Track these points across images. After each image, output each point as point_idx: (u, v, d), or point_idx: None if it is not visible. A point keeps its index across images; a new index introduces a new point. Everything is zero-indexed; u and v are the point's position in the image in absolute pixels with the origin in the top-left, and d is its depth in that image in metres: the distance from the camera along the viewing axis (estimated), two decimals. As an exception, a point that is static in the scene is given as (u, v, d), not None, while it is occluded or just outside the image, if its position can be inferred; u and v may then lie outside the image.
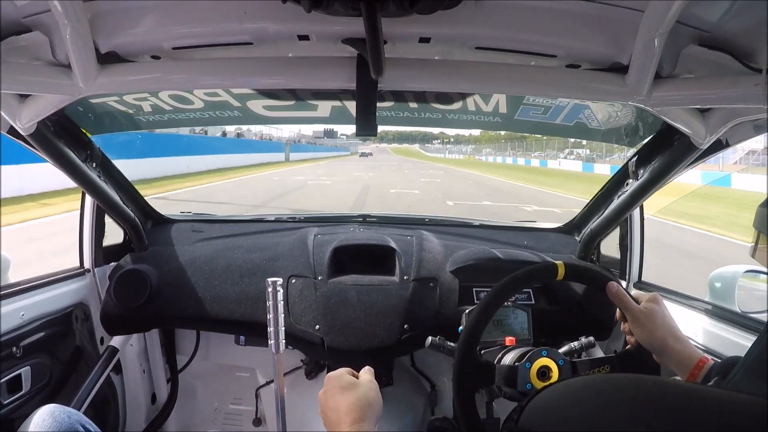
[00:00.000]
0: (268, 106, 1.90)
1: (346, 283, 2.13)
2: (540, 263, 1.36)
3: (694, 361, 1.21)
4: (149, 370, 2.58)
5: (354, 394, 1.11)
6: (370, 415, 1.09)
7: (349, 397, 1.10)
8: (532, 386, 1.30)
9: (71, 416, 1.44)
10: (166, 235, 2.47)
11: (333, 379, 1.16)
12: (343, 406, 1.08)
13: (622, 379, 0.76)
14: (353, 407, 1.08)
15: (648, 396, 0.67)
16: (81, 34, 1.17)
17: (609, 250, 2.42)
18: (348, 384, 1.13)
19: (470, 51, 1.32)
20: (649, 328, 1.25)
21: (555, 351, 1.35)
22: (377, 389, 1.17)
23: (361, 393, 1.12)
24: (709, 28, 1.18)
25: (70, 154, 1.80)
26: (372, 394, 1.14)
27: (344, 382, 1.14)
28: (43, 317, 1.97)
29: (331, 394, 1.13)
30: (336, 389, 1.12)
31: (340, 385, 1.13)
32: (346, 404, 1.08)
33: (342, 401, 1.09)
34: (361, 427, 1.04)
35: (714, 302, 1.93)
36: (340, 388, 1.12)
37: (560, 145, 71.50)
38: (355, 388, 1.12)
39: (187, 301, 2.15)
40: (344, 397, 1.10)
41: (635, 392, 0.69)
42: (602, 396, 0.71)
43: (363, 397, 1.11)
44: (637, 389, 0.70)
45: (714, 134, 1.48)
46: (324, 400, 1.14)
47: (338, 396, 1.11)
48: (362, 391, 1.13)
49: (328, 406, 1.12)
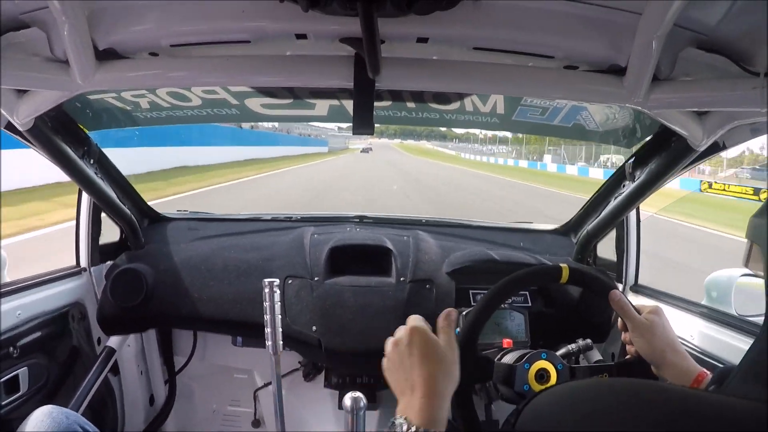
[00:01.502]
0: (266, 104, 1.90)
1: (342, 284, 2.13)
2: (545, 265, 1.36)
3: (693, 375, 1.21)
4: (147, 371, 2.57)
5: (439, 362, 1.01)
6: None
7: (432, 365, 1.00)
8: (530, 387, 1.30)
9: (69, 417, 1.43)
10: (163, 234, 2.47)
11: (422, 333, 1.06)
12: (421, 374, 0.98)
13: (620, 384, 0.76)
14: (432, 379, 0.97)
15: (646, 401, 0.67)
16: (79, 30, 1.17)
17: (605, 253, 2.43)
18: (434, 347, 1.03)
19: (468, 51, 1.32)
20: (648, 340, 1.24)
21: (554, 354, 1.34)
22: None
23: (450, 363, 1.02)
24: (707, 31, 1.18)
25: (67, 150, 1.79)
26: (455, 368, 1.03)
27: (431, 343, 1.04)
28: (40, 316, 1.96)
29: (412, 353, 1.04)
30: (420, 346, 1.03)
31: (425, 346, 1.03)
32: (426, 372, 0.98)
33: (423, 368, 1.00)
34: (433, 401, 0.94)
35: (710, 306, 1.94)
36: (424, 348, 1.03)
37: (593, 150, 55.75)
38: (443, 359, 1.02)
39: (184, 301, 2.15)
40: (425, 360, 1.01)
41: (633, 397, 0.69)
42: (600, 400, 0.71)
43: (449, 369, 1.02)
44: (635, 394, 0.70)
45: (711, 137, 1.48)
46: (400, 355, 1.06)
47: (420, 360, 1.01)
48: (450, 360, 1.03)
49: (403, 363, 1.04)
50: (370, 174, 32.04)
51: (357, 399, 1.56)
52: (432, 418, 0.90)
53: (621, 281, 2.28)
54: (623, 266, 2.29)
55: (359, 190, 20.94)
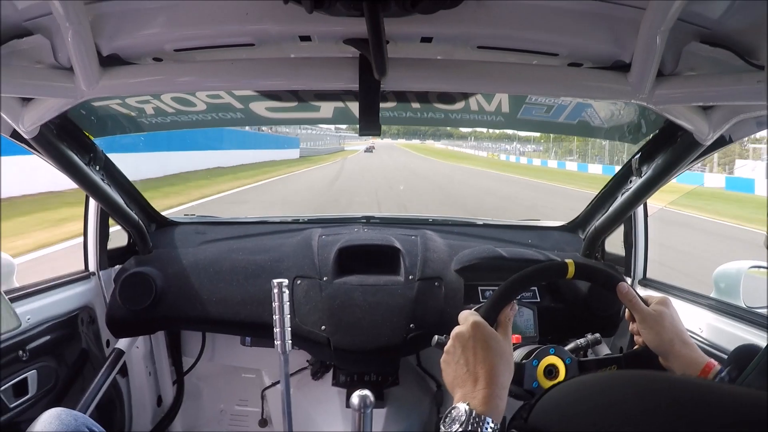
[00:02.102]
0: (271, 108, 1.90)
1: (351, 284, 2.14)
2: (550, 262, 1.35)
3: (701, 366, 1.20)
4: (155, 373, 2.58)
5: (501, 356, 1.02)
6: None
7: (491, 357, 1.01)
8: (539, 384, 1.29)
9: (78, 419, 1.44)
10: (170, 238, 2.48)
11: (483, 328, 1.06)
12: (485, 366, 0.99)
13: (630, 376, 0.76)
14: (495, 371, 0.99)
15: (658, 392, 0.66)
16: (83, 36, 1.17)
17: (613, 248, 2.42)
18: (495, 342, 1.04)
19: (472, 50, 1.32)
20: (657, 331, 1.24)
21: (562, 349, 1.34)
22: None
23: (509, 355, 1.04)
24: (711, 25, 1.17)
25: (73, 158, 1.80)
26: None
27: (491, 337, 1.05)
28: (49, 321, 1.97)
29: (476, 346, 1.03)
30: (483, 341, 1.03)
31: (487, 340, 1.04)
32: (488, 364, 1.00)
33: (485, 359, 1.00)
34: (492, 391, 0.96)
35: (719, 298, 1.93)
36: (487, 342, 1.03)
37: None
38: (504, 353, 1.04)
39: (193, 303, 2.16)
40: (488, 354, 1.01)
41: (644, 388, 0.69)
42: (612, 393, 0.71)
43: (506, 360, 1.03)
44: (646, 385, 0.70)
45: (717, 131, 1.48)
46: (463, 349, 1.05)
47: (482, 351, 1.02)
48: (509, 353, 1.05)
49: (466, 356, 1.03)
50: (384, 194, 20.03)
51: (364, 397, 1.56)
52: (494, 407, 0.93)
53: (629, 275, 2.28)
54: (632, 261, 2.28)
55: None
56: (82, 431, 1.42)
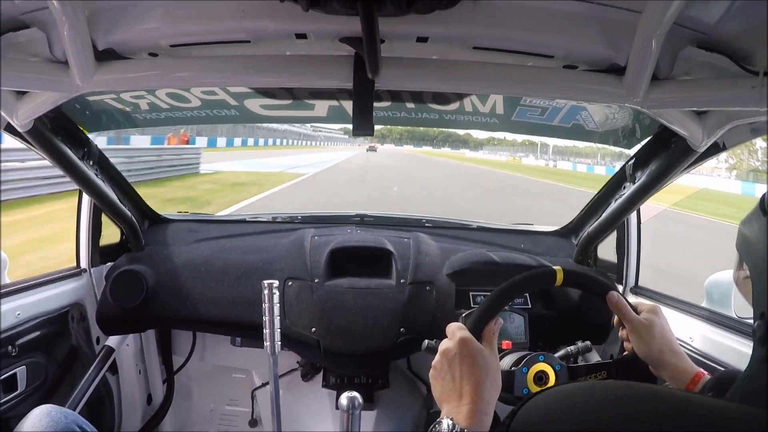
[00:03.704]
0: (265, 105, 1.89)
1: (342, 286, 2.14)
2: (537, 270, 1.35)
3: (690, 376, 1.20)
4: (145, 371, 2.57)
5: (486, 372, 1.02)
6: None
7: (478, 373, 1.01)
8: (529, 391, 1.29)
9: (68, 416, 1.43)
10: (163, 235, 2.47)
11: (470, 344, 1.05)
12: (470, 383, 1.00)
13: (615, 386, 0.76)
14: (481, 387, 0.99)
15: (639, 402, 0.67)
16: (79, 30, 1.17)
17: (606, 254, 2.43)
18: (482, 358, 1.04)
19: (468, 51, 1.32)
20: (646, 340, 1.24)
21: (552, 356, 1.34)
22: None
23: (495, 370, 1.05)
24: (707, 30, 1.18)
25: (67, 152, 1.79)
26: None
27: (477, 352, 1.05)
28: (39, 317, 1.97)
29: (462, 363, 1.03)
30: (470, 357, 1.03)
31: (474, 356, 1.04)
32: (475, 380, 1.00)
33: (472, 375, 1.01)
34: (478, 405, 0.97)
35: (710, 308, 1.93)
36: (473, 359, 1.03)
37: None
38: (490, 368, 1.04)
39: (184, 303, 2.15)
40: (474, 370, 1.02)
41: (628, 399, 0.69)
42: (595, 402, 0.71)
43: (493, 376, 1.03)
44: (630, 396, 0.70)
45: (711, 137, 1.48)
46: (449, 365, 1.05)
47: (468, 366, 1.02)
48: (496, 368, 1.05)
49: (452, 373, 1.03)
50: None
51: (353, 398, 1.56)
52: (479, 423, 0.94)
53: (621, 283, 2.28)
54: (623, 268, 2.29)
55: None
56: (72, 428, 1.41)
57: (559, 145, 72.56)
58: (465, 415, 0.95)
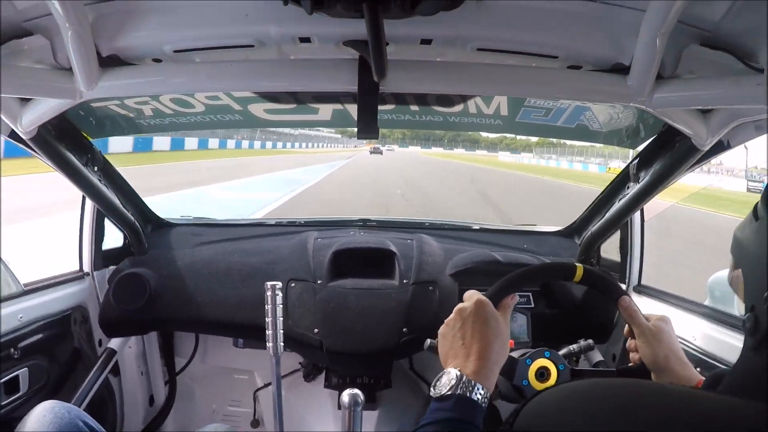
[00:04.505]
0: (269, 110, 1.89)
1: (345, 287, 2.14)
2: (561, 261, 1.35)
3: (693, 383, 1.21)
4: (147, 372, 2.58)
5: (497, 335, 1.04)
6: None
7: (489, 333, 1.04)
8: (528, 383, 1.29)
9: (71, 411, 1.44)
10: (166, 239, 2.48)
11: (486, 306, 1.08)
12: (481, 341, 1.02)
13: (618, 384, 0.76)
14: (490, 347, 1.02)
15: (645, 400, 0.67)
16: (82, 37, 1.17)
17: (609, 254, 2.42)
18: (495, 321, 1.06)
19: (472, 53, 1.32)
20: (654, 346, 1.24)
21: (557, 354, 1.34)
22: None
23: (505, 338, 1.07)
24: (711, 27, 1.18)
25: (71, 158, 1.79)
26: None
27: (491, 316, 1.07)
28: (41, 319, 1.97)
29: (476, 321, 1.05)
30: (484, 318, 1.06)
31: (488, 318, 1.06)
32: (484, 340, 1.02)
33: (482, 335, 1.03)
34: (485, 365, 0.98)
35: (714, 306, 1.93)
36: (487, 320, 1.06)
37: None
38: (501, 333, 1.06)
39: (187, 305, 2.16)
40: (486, 330, 1.04)
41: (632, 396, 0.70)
42: (599, 400, 0.72)
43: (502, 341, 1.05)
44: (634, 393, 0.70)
45: (716, 135, 1.48)
46: (462, 322, 1.07)
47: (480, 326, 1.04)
48: (506, 336, 1.07)
49: (464, 330, 1.05)
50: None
51: (354, 395, 1.56)
52: (485, 378, 0.96)
53: (624, 282, 2.28)
54: (627, 267, 2.29)
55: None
56: (75, 423, 1.42)
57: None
58: (473, 369, 0.97)
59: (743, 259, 0.84)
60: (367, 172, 31.63)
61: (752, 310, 0.77)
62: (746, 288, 0.82)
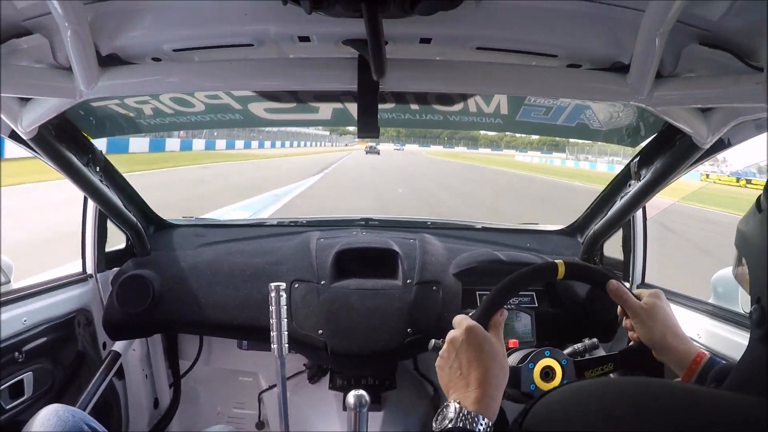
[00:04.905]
0: (269, 109, 1.89)
1: (349, 287, 2.14)
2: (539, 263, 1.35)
3: (693, 357, 1.21)
4: (152, 375, 2.58)
5: (493, 359, 1.04)
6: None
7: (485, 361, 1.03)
8: (536, 387, 1.29)
9: (75, 415, 1.44)
10: (169, 240, 2.48)
11: (477, 333, 1.07)
12: (478, 369, 1.02)
13: (625, 382, 0.77)
14: (489, 374, 1.01)
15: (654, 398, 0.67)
16: (82, 36, 1.17)
17: (612, 252, 2.42)
18: (488, 345, 1.06)
19: (471, 51, 1.32)
20: (649, 325, 1.25)
21: (558, 351, 1.34)
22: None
23: (502, 357, 1.07)
24: (710, 26, 1.17)
25: (71, 158, 1.79)
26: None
27: (485, 341, 1.06)
28: (45, 323, 1.96)
29: (469, 350, 1.05)
30: (477, 344, 1.05)
31: (481, 343, 1.05)
32: (482, 369, 1.02)
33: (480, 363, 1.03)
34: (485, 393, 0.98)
35: (717, 303, 1.92)
36: (480, 345, 1.05)
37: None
38: (497, 355, 1.06)
39: (190, 307, 2.15)
40: (481, 356, 1.03)
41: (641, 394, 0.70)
42: (608, 398, 0.72)
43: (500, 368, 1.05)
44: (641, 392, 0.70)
45: (716, 134, 1.48)
46: (456, 353, 1.06)
47: (476, 353, 1.04)
48: (503, 355, 1.07)
49: (459, 360, 1.05)
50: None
51: (360, 396, 1.56)
52: (486, 407, 0.96)
53: (628, 280, 2.28)
54: (630, 265, 2.28)
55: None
56: (80, 427, 1.42)
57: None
58: (473, 400, 0.96)
59: (748, 251, 0.85)
60: (360, 185, 22.69)
61: (758, 302, 0.78)
62: (752, 280, 0.83)
